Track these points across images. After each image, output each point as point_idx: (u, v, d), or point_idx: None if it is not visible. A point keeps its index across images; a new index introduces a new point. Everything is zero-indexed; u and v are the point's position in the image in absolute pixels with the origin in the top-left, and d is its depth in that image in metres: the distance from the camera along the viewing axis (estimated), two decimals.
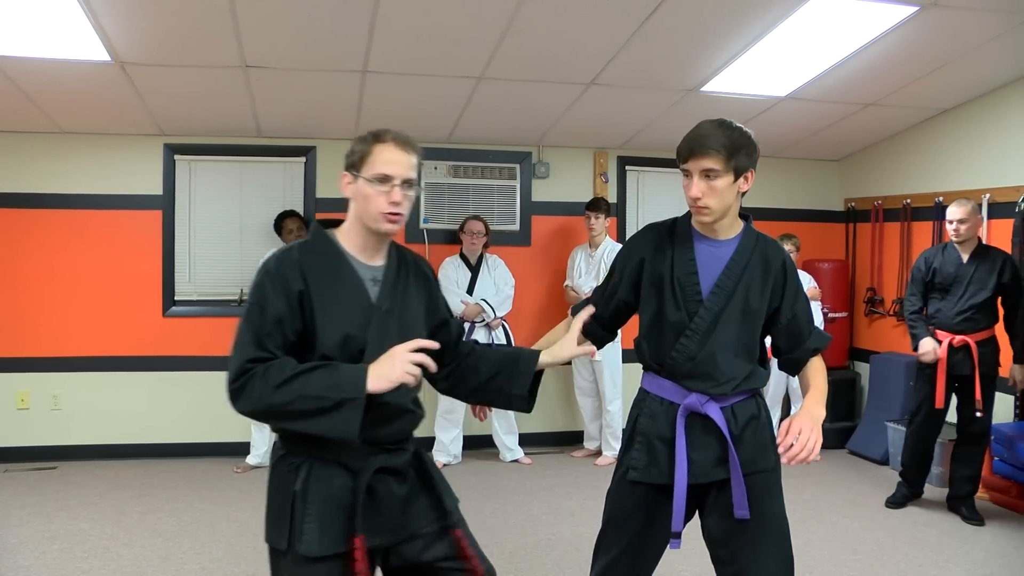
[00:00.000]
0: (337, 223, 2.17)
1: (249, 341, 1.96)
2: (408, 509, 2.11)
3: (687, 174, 2.31)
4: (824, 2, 4.03)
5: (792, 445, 2.19)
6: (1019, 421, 5.06)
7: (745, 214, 2.43)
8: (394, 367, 1.94)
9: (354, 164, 2.06)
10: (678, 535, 2.36)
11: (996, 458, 4.95)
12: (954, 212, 4.64)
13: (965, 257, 4.67)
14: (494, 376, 2.26)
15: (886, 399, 6.12)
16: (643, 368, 2.49)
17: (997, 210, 5.27)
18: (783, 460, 2.23)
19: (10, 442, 5.75)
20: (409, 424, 2.14)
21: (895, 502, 4.96)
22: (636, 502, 2.42)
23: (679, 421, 2.34)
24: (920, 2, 3.98)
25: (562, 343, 2.32)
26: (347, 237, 2.11)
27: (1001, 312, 4.70)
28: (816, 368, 2.46)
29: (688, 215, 2.42)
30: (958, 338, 4.62)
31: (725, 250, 2.37)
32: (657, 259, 2.39)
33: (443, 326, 2.26)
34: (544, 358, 2.29)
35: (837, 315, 6.52)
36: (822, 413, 2.31)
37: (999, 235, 5.18)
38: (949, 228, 4.68)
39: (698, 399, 2.34)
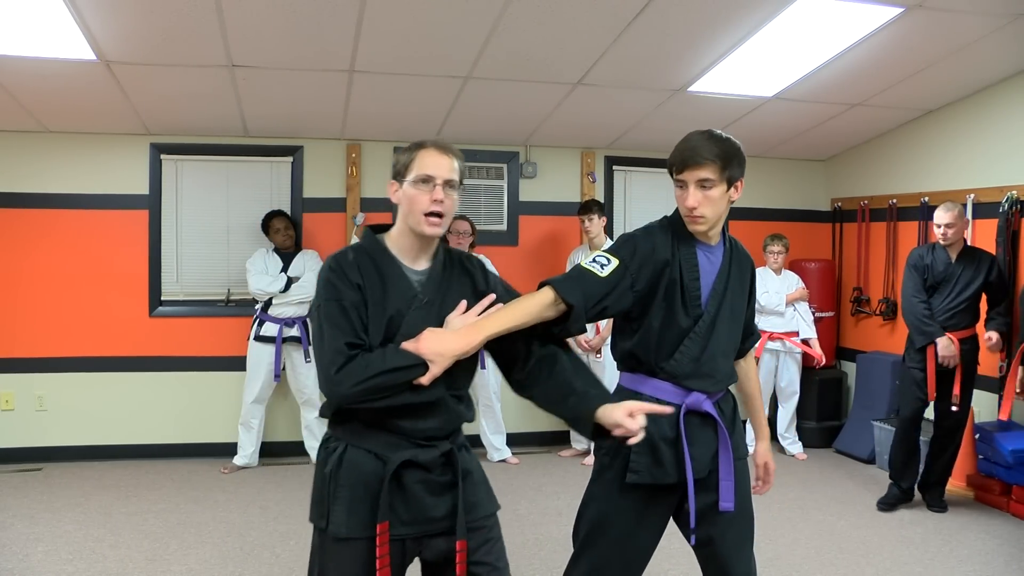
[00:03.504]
0: (387, 227, 2.25)
1: (339, 330, 2.04)
2: (436, 504, 2.14)
3: (682, 184, 2.33)
4: (810, 3, 4.05)
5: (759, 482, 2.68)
6: (1002, 419, 5.10)
7: None
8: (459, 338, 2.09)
9: (399, 172, 2.17)
10: (694, 531, 2.40)
11: (980, 456, 4.99)
12: (942, 217, 4.70)
13: (953, 257, 4.78)
14: (564, 400, 2.22)
15: (872, 398, 6.15)
16: (628, 370, 2.46)
17: (981, 210, 5.31)
18: (756, 493, 2.64)
19: None
20: (444, 422, 2.15)
21: (887, 503, 4.94)
22: (632, 506, 2.43)
23: (681, 421, 2.37)
24: (905, 3, 4.00)
25: (613, 411, 2.12)
26: (395, 241, 2.20)
27: (984, 310, 4.81)
28: (755, 374, 2.75)
29: (672, 218, 2.45)
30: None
31: (717, 255, 2.44)
32: (673, 265, 2.37)
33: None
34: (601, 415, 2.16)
35: (824, 315, 6.55)
36: (768, 433, 2.75)
37: (983, 235, 5.21)
38: (937, 232, 4.74)
39: (698, 398, 2.38)
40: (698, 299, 2.38)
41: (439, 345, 2.05)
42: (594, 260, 2.35)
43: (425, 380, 2.02)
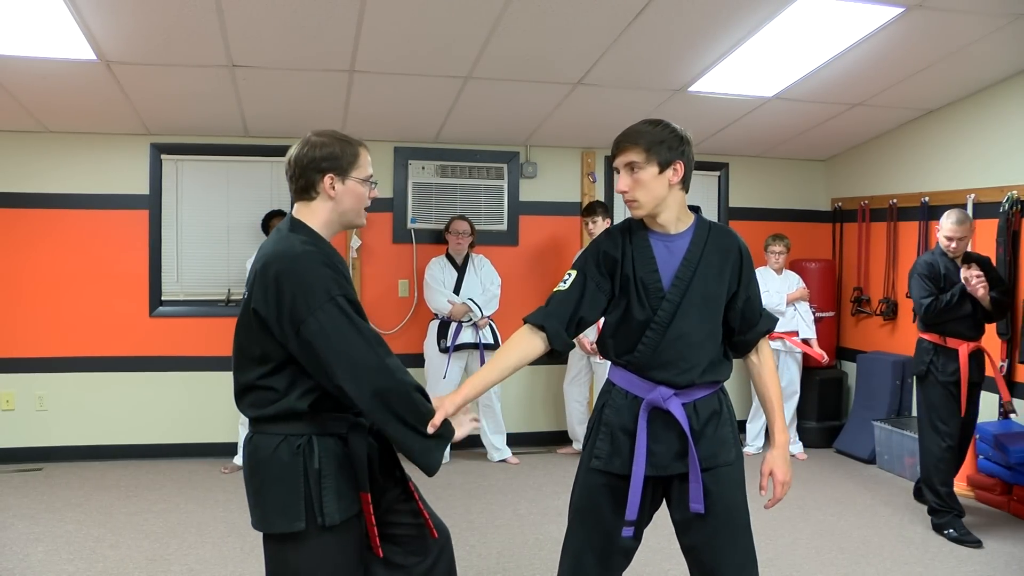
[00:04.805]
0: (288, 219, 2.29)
1: (368, 328, 2.13)
2: (381, 465, 2.33)
3: (617, 171, 2.42)
4: (810, 3, 4.05)
5: (767, 490, 2.50)
6: (1004, 420, 5.10)
7: (695, 206, 2.51)
8: (465, 424, 2.29)
9: (342, 168, 2.21)
10: (632, 523, 2.42)
11: (981, 456, 4.99)
12: (955, 230, 4.39)
13: (959, 264, 4.62)
14: None
15: (873, 398, 6.15)
16: (611, 363, 2.55)
17: (982, 210, 5.30)
18: (764, 507, 2.55)
19: None
20: None
21: (971, 539, 4.34)
22: (600, 492, 2.47)
23: (641, 415, 2.39)
24: (906, 3, 4.00)
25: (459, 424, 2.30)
26: (322, 232, 2.26)
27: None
28: (772, 374, 2.57)
29: (631, 216, 2.49)
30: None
31: (680, 243, 2.43)
32: (624, 262, 2.44)
33: None
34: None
35: (824, 315, 6.55)
36: (788, 439, 2.55)
37: (983, 235, 5.21)
38: (948, 244, 4.44)
39: (661, 395, 2.38)
40: (660, 290, 2.39)
41: (447, 397, 2.27)
42: (563, 280, 2.50)
43: (430, 429, 2.14)
